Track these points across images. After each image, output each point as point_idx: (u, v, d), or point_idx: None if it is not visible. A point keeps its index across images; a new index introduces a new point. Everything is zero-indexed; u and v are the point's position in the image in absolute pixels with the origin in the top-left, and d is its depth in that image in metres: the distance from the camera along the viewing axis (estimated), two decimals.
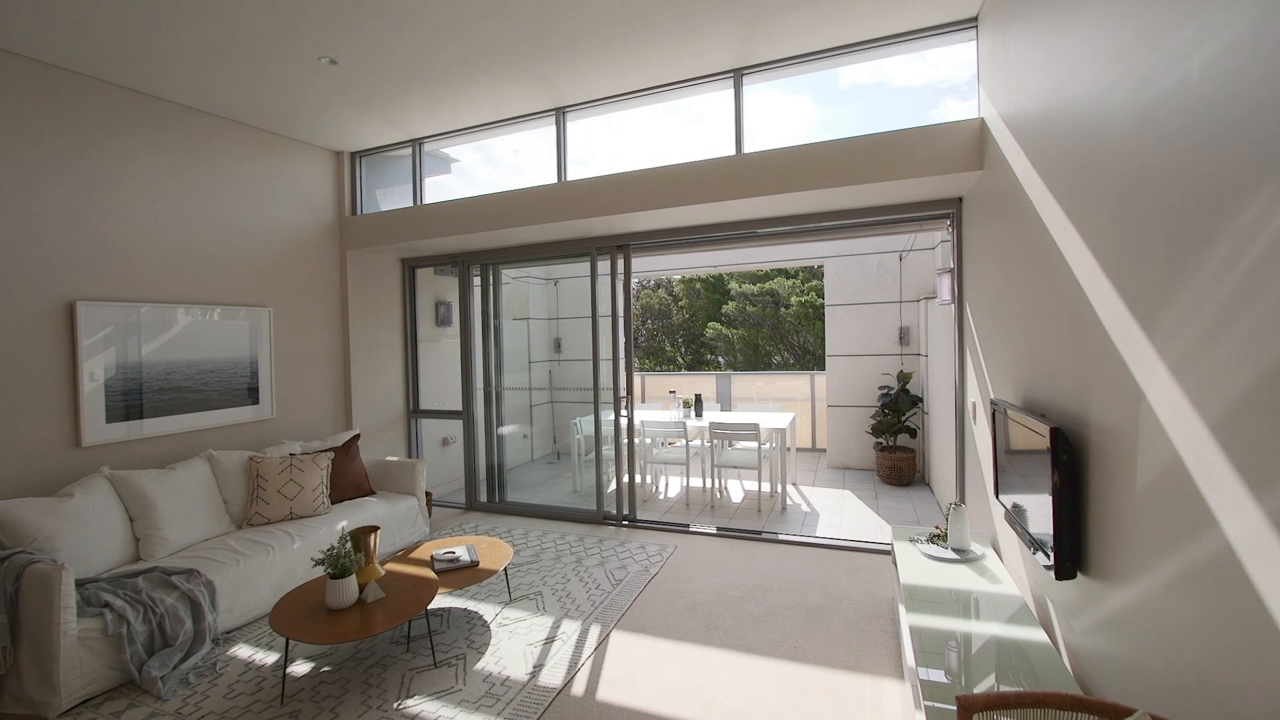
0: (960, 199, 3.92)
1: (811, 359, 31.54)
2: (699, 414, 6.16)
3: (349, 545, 2.93)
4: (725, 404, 8.03)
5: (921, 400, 6.16)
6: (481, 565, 3.37)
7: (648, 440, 5.91)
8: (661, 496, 5.91)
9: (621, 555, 4.23)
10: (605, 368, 5.16)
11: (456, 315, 6.07)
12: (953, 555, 2.95)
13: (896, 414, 6.11)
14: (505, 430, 6.39)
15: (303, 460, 4.11)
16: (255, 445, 4.44)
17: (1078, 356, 1.99)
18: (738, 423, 5.39)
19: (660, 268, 7.89)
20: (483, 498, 5.53)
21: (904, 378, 6.13)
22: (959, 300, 3.94)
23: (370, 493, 4.53)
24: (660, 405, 6.89)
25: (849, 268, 6.72)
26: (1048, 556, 2.03)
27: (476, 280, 5.68)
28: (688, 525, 4.82)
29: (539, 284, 8.06)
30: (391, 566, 3.29)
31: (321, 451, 4.35)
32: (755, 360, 30.59)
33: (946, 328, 4.79)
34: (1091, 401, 1.88)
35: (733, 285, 30.27)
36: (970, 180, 3.51)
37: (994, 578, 2.73)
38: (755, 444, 5.45)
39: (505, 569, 3.59)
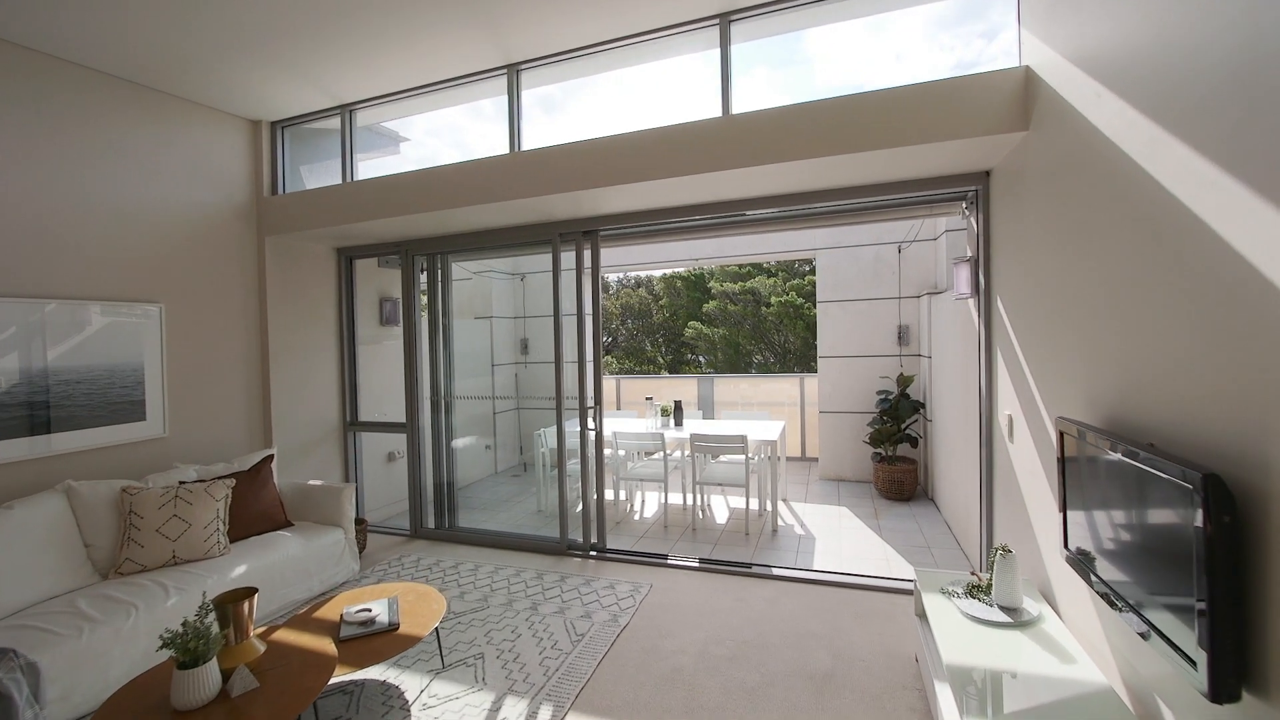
0: (988, 172, 3.28)
1: (793, 358, 31.14)
2: (679, 423, 5.48)
3: (211, 618, 2.18)
4: (707, 410, 7.36)
5: (924, 406, 5.55)
6: (402, 629, 2.63)
7: (621, 453, 5.22)
8: (637, 516, 5.21)
9: (586, 598, 3.51)
10: (571, 372, 4.45)
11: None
12: (1002, 617, 2.30)
13: (896, 421, 5.49)
14: (460, 443, 5.63)
15: (193, 490, 3.32)
16: (141, 471, 3.63)
17: (1237, 363, 1.34)
18: (722, 434, 4.72)
19: (635, 260, 7.20)
20: (430, 523, 4.77)
21: (904, 381, 5.51)
22: (985, 293, 3.30)
23: (285, 525, 3.75)
24: (636, 413, 6.19)
25: (842, 261, 6.09)
26: (1189, 662, 1.37)
27: (423, 273, 4.92)
28: (665, 556, 4.12)
29: (503, 279, 7.30)
30: (282, 635, 2.54)
31: (221, 478, 3.56)
32: (736, 360, 30.08)
33: (959, 326, 4.16)
34: (1275, 434, 1.23)
35: (713, 284, 29.73)
36: (1007, 146, 2.86)
37: (1064, 652, 2.08)
38: (742, 457, 4.79)
39: (438, 628, 2.85)
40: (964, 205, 3.86)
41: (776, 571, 3.79)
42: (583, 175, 3.56)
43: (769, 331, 28.65)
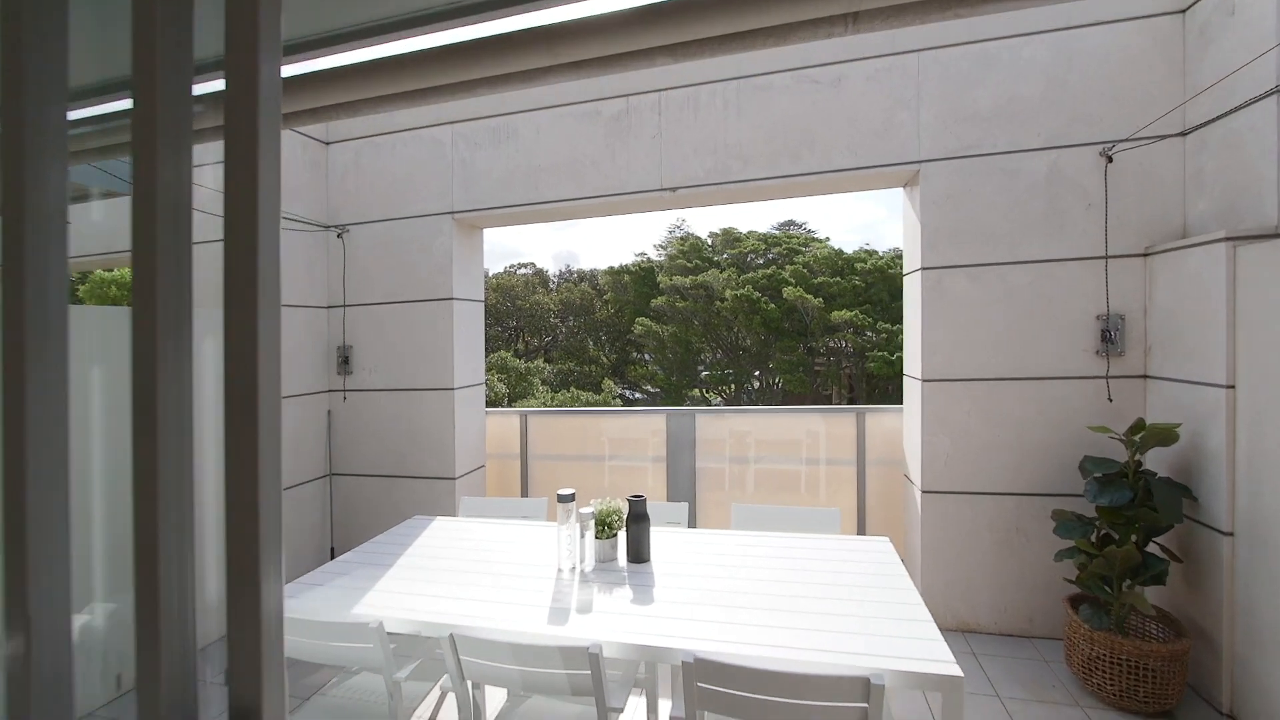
0: None
1: (748, 358, 28.40)
2: (637, 558, 2.12)
3: None
4: (683, 468, 4.02)
5: (1190, 496, 2.41)
6: None
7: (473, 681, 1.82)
8: None
9: None
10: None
11: None
12: None
13: (1131, 529, 2.34)
14: None
15: None
16: None
17: None
18: (766, 673, 1.39)
19: (576, 194, 3.76)
20: None
21: (1154, 436, 2.36)
22: None
23: None
24: (545, 518, 2.77)
25: (974, 182, 2.86)
26: None
27: None
28: None
29: (300, 234, 3.72)
30: None
31: None
32: (687, 359, 27.13)
33: None
34: None
35: (662, 279, 26.69)
36: None
37: None
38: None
39: None
40: None
41: None
42: None
43: (719, 329, 25.81)
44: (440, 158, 3.59)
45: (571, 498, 2.09)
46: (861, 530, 3.55)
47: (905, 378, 3.22)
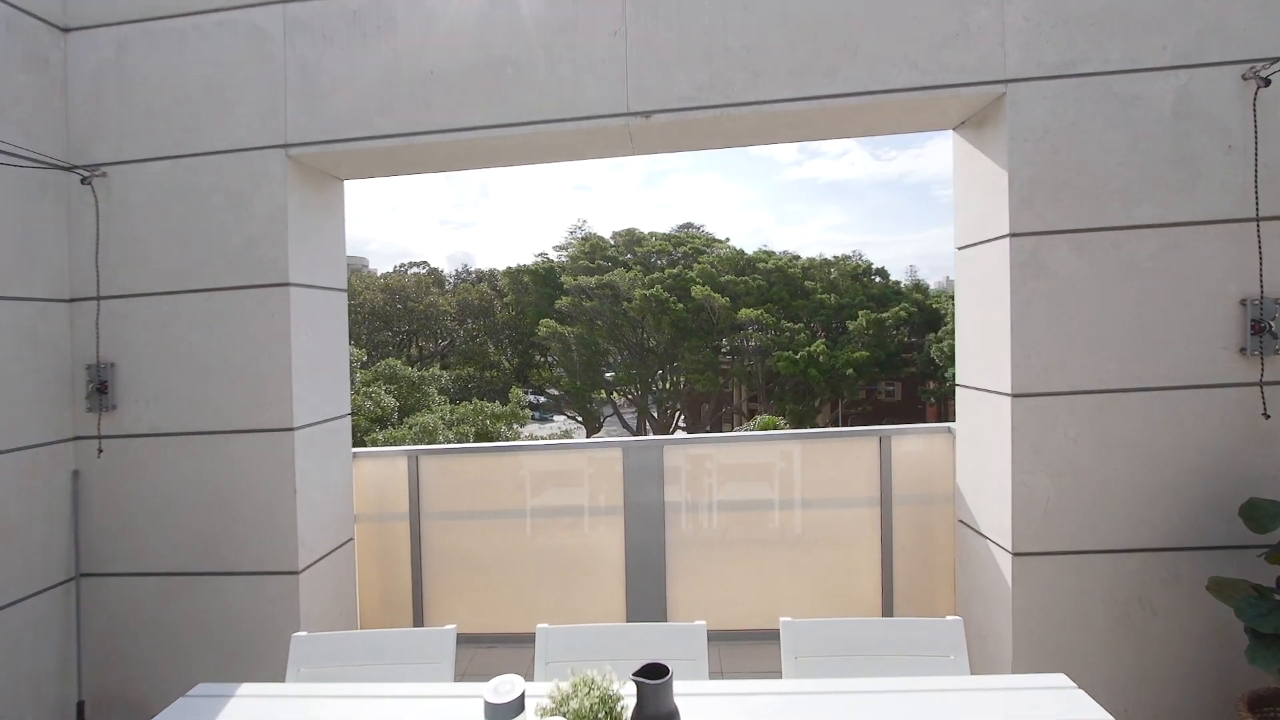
0: None
1: (654, 358, 27.71)
2: None
3: None
4: (646, 548, 2.86)
5: None
6: None
7: None
8: None
9: None
10: None
11: None
12: None
13: None
14: None
15: None
16: None
17: None
18: None
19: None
20: None
21: None
22: None
23: None
24: (451, 664, 1.55)
25: (1080, 112, 1.93)
26: None
27: None
28: None
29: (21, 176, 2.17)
30: None
31: None
32: (592, 362, 25.99)
33: None
34: None
35: (566, 279, 25.39)
36: None
37: None
38: None
39: None
40: None
41: None
42: None
43: (626, 329, 24.95)
44: (265, 58, 2.21)
45: (517, 707, 0.92)
46: (888, 598, 2.64)
47: (964, 390, 2.34)
